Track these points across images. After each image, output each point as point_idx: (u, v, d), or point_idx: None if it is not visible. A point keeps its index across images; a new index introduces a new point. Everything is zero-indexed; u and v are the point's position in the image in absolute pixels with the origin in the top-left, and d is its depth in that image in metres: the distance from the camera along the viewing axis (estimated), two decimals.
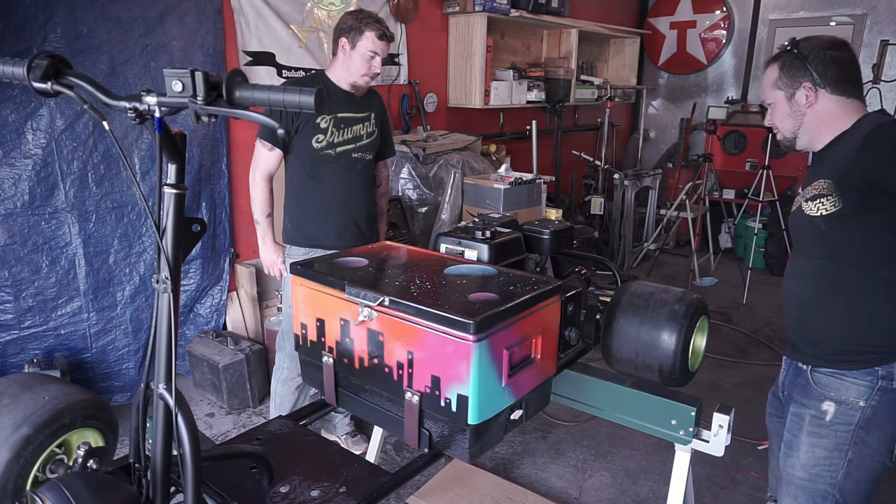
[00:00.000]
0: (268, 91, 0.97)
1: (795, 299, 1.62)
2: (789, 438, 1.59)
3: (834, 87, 1.48)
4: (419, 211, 3.88)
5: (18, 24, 2.55)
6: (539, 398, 1.56)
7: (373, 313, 1.39)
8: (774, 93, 1.56)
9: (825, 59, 1.47)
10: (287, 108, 0.96)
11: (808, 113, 1.52)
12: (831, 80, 1.47)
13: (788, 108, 1.54)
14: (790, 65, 1.51)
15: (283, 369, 2.59)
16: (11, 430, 1.50)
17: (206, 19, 3.10)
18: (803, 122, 1.53)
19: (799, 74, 1.49)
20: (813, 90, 1.49)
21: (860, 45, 5.61)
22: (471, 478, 2.51)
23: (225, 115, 0.96)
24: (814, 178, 1.52)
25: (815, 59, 1.47)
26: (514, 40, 5.10)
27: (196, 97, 0.94)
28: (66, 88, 1.02)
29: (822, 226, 1.48)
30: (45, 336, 2.85)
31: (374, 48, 2.31)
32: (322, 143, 2.37)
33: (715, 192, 5.62)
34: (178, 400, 1.10)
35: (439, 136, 4.18)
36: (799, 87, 1.50)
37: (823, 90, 1.48)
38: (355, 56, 2.32)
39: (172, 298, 1.08)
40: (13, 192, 2.67)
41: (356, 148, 2.46)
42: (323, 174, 2.42)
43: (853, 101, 1.50)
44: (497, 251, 1.74)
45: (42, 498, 1.07)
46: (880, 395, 1.44)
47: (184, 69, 0.94)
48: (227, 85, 0.94)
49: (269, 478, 1.41)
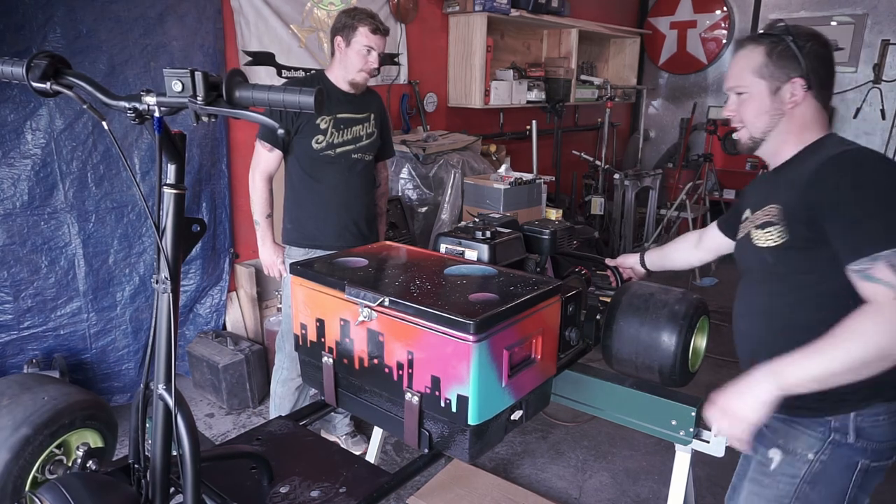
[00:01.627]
0: (268, 91, 0.97)
1: (744, 337, 1.49)
2: (735, 481, 1.49)
3: (818, 91, 1.30)
4: (419, 211, 3.88)
5: (18, 24, 2.55)
6: (539, 398, 1.55)
7: (373, 313, 1.39)
8: (754, 81, 1.32)
9: (818, 56, 1.28)
10: (287, 109, 0.96)
11: (787, 114, 1.31)
12: (818, 82, 1.29)
13: (769, 104, 1.31)
14: (782, 54, 1.28)
15: (283, 370, 2.59)
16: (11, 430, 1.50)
17: (206, 19, 3.10)
18: (779, 123, 1.32)
19: (791, 67, 1.28)
20: (802, 88, 1.28)
21: (860, 45, 5.61)
22: (471, 478, 2.50)
23: (225, 115, 0.96)
24: (767, 201, 1.34)
25: (811, 53, 1.27)
26: (514, 40, 5.10)
27: (196, 97, 0.94)
28: (65, 88, 1.02)
29: (769, 258, 1.31)
30: (45, 336, 2.85)
31: (369, 43, 2.31)
32: (322, 144, 2.37)
33: (715, 192, 5.62)
34: (178, 400, 1.10)
35: (439, 136, 4.17)
36: (788, 82, 1.29)
37: (810, 91, 1.29)
38: (351, 53, 2.33)
39: (172, 298, 1.08)
40: (12, 192, 2.67)
41: (356, 149, 2.46)
42: (323, 175, 2.42)
43: (824, 114, 1.33)
44: (497, 251, 1.73)
45: (41, 498, 1.07)
46: (832, 450, 1.26)
47: (184, 69, 0.94)
48: (226, 85, 0.94)
49: (269, 478, 1.40)
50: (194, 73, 0.93)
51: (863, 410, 1.23)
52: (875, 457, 1.25)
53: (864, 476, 1.26)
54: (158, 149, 1.02)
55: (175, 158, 1.07)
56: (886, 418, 1.22)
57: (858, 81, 5.41)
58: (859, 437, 1.24)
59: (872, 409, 1.22)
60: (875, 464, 1.25)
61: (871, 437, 1.23)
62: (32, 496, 1.10)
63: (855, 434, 1.24)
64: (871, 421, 1.22)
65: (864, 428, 1.23)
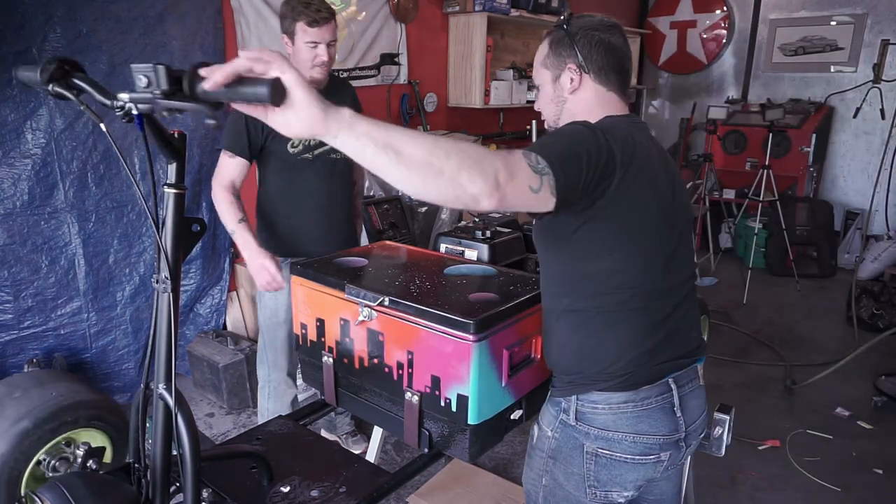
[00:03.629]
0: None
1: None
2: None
3: (597, 74, 1.31)
4: (419, 211, 3.87)
5: (18, 24, 2.55)
6: (539, 398, 1.56)
7: (373, 313, 1.39)
8: (541, 72, 1.38)
9: (592, 41, 1.30)
10: (243, 101, 0.90)
11: (569, 99, 1.34)
12: (595, 66, 1.31)
13: (552, 92, 1.37)
14: (559, 43, 1.33)
15: (270, 384, 2.43)
16: (13, 422, 1.52)
17: (206, 19, 3.10)
18: (564, 109, 1.36)
19: (566, 54, 1.32)
20: (578, 74, 1.31)
21: (860, 44, 5.61)
22: (471, 478, 2.50)
23: (180, 108, 0.91)
24: None
25: (583, 38, 1.30)
26: (514, 40, 5.10)
27: (158, 92, 0.90)
28: (66, 90, 1.01)
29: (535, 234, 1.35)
30: (45, 336, 2.85)
31: (310, 38, 2.10)
32: (298, 148, 2.23)
33: (715, 191, 5.61)
34: (178, 400, 1.10)
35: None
36: (564, 69, 1.32)
37: (588, 76, 1.31)
38: (297, 51, 2.14)
39: (172, 298, 1.08)
40: (12, 191, 2.67)
41: (333, 148, 2.31)
42: (302, 180, 2.27)
43: (611, 95, 1.33)
44: (497, 251, 1.73)
45: (42, 498, 1.07)
46: (562, 429, 1.31)
47: (148, 64, 0.91)
48: (188, 78, 0.90)
49: (269, 478, 1.40)
50: (157, 67, 0.90)
51: (583, 396, 1.28)
52: (605, 445, 1.27)
53: (595, 461, 1.28)
54: (146, 146, 1.01)
55: (175, 158, 1.07)
56: (606, 408, 1.26)
57: (858, 81, 5.41)
58: (579, 420, 1.29)
59: (590, 396, 1.27)
60: (607, 452, 1.27)
61: (591, 422, 1.28)
62: (32, 495, 1.10)
63: (575, 416, 1.29)
64: (590, 407, 1.27)
65: (584, 413, 1.28)
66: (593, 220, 1.17)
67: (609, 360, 1.25)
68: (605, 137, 1.13)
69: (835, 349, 3.92)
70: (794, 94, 6.01)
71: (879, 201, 5.34)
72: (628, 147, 1.16)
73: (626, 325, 1.24)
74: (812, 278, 5.29)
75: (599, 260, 1.22)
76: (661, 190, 1.25)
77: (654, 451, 1.27)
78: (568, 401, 1.30)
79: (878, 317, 4.19)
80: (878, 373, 3.44)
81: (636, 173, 1.16)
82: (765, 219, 5.27)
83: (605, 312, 1.24)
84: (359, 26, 3.87)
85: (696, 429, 1.35)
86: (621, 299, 1.23)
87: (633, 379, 1.25)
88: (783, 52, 6.04)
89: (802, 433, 3.00)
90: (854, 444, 2.91)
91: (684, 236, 1.32)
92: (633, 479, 1.29)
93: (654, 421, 1.26)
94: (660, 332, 1.26)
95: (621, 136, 1.17)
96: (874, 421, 3.11)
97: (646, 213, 1.21)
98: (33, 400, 1.58)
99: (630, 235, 1.20)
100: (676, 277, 1.29)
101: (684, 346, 1.31)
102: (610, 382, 1.25)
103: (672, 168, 1.33)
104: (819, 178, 5.92)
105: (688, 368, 1.32)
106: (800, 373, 3.59)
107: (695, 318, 1.35)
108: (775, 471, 2.71)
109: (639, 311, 1.24)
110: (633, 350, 1.24)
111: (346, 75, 3.84)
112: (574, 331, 1.29)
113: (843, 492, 2.58)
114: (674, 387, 1.28)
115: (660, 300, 1.25)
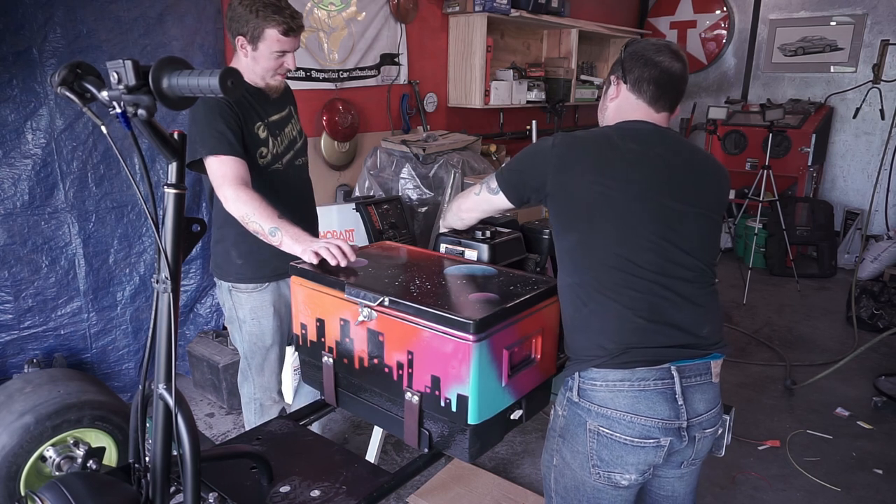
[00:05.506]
0: (188, 76, 0.90)
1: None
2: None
3: (633, 85, 1.44)
4: (419, 211, 3.87)
5: (18, 24, 2.55)
6: (539, 398, 1.56)
7: (372, 313, 1.39)
8: (606, 81, 1.56)
9: (636, 57, 1.44)
10: (197, 94, 0.88)
11: (609, 107, 1.51)
12: (633, 77, 1.44)
13: (603, 99, 1.54)
14: (616, 59, 1.50)
15: (256, 401, 2.25)
16: (17, 416, 1.53)
17: (206, 19, 3.10)
18: (605, 114, 1.53)
19: (616, 69, 1.48)
20: (616, 83, 1.47)
21: (860, 45, 5.61)
22: (471, 478, 2.50)
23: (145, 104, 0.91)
24: None
25: (631, 55, 1.44)
26: (514, 40, 5.10)
27: (125, 88, 0.89)
28: (70, 92, 1.01)
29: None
30: (45, 336, 2.85)
31: (281, 47, 1.89)
32: (268, 158, 2.00)
33: None
34: (178, 400, 1.10)
35: (439, 136, 4.17)
36: (612, 81, 1.50)
37: (625, 86, 1.45)
38: (260, 58, 1.91)
39: (172, 298, 1.08)
40: (13, 191, 2.67)
41: (295, 153, 2.12)
42: (277, 192, 1.98)
43: (640, 104, 1.44)
44: (497, 251, 1.74)
45: (41, 497, 1.07)
46: (569, 407, 1.38)
47: (119, 60, 0.90)
48: (152, 73, 0.89)
49: (269, 478, 1.40)
50: (125, 63, 0.89)
51: (584, 373, 1.35)
52: (605, 423, 1.31)
53: (597, 440, 1.32)
54: (135, 142, 1.00)
55: (174, 158, 1.07)
56: (604, 385, 1.32)
57: (858, 81, 5.41)
58: (581, 396, 1.35)
59: (590, 373, 1.33)
60: (607, 430, 1.31)
61: (591, 399, 1.33)
62: (32, 495, 1.10)
63: (578, 392, 1.36)
64: (590, 384, 1.34)
65: (585, 389, 1.34)
66: (548, 199, 1.43)
67: (596, 332, 1.33)
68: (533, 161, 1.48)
69: (835, 349, 3.92)
70: (794, 95, 6.01)
71: (879, 201, 5.34)
72: (564, 156, 1.39)
73: (610, 301, 1.32)
74: (812, 278, 5.29)
75: (566, 234, 1.39)
76: (631, 179, 1.35)
77: (654, 434, 1.30)
78: (573, 378, 1.37)
79: (878, 317, 4.19)
80: (878, 373, 3.44)
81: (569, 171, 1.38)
82: (765, 219, 5.27)
83: (587, 287, 1.35)
84: (359, 26, 3.87)
85: (701, 423, 1.36)
86: (596, 275, 1.33)
87: (627, 357, 1.30)
88: (783, 52, 6.04)
89: (802, 433, 3.00)
90: (854, 444, 2.91)
91: (685, 228, 1.35)
92: (635, 462, 1.32)
93: (653, 403, 1.30)
94: (652, 313, 1.31)
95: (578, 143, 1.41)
96: (874, 421, 3.11)
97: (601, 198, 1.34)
98: (41, 396, 1.60)
99: (583, 212, 1.36)
100: (666, 262, 1.33)
101: (689, 337, 1.33)
102: (604, 359, 1.31)
103: (674, 161, 1.39)
104: (819, 178, 5.92)
105: (698, 362, 1.34)
106: (800, 373, 3.59)
107: (707, 312, 1.37)
108: (775, 471, 2.71)
109: (619, 288, 1.31)
110: (618, 326, 1.31)
111: (346, 75, 3.85)
112: (569, 305, 1.40)
113: (842, 492, 2.58)
114: (676, 374, 1.31)
115: (645, 281, 1.31)
